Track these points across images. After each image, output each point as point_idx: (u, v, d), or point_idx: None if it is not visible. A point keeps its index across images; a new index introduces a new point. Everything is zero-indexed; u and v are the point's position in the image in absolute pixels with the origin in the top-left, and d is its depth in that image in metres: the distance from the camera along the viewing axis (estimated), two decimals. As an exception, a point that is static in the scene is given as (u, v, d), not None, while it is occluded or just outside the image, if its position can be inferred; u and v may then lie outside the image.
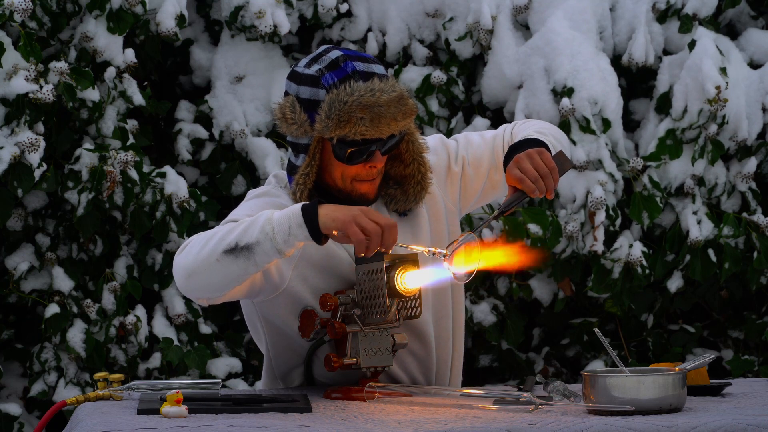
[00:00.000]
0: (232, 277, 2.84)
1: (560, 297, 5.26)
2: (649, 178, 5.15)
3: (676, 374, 2.63)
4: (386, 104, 2.90)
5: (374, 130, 2.90)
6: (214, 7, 5.45)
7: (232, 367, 5.05)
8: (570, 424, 2.47)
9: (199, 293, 2.92)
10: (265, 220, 2.80)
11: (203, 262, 2.83)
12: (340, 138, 2.90)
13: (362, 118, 2.88)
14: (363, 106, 2.88)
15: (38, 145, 4.60)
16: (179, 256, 2.89)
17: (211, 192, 5.27)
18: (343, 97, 2.88)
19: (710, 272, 5.13)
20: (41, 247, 4.93)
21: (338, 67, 2.93)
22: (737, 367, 5.26)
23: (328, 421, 2.57)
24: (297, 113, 2.96)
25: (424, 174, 3.07)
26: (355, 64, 2.93)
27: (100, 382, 2.86)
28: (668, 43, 5.38)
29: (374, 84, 2.91)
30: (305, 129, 2.95)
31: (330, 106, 2.89)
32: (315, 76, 2.93)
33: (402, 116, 2.93)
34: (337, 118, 2.88)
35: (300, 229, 2.78)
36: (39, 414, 5.02)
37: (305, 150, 2.97)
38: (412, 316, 2.93)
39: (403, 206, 3.07)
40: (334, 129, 2.89)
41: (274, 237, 2.79)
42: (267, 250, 2.80)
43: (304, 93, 2.95)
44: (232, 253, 2.80)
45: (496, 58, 5.25)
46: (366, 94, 2.89)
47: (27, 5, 4.62)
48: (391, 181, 3.08)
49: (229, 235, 2.82)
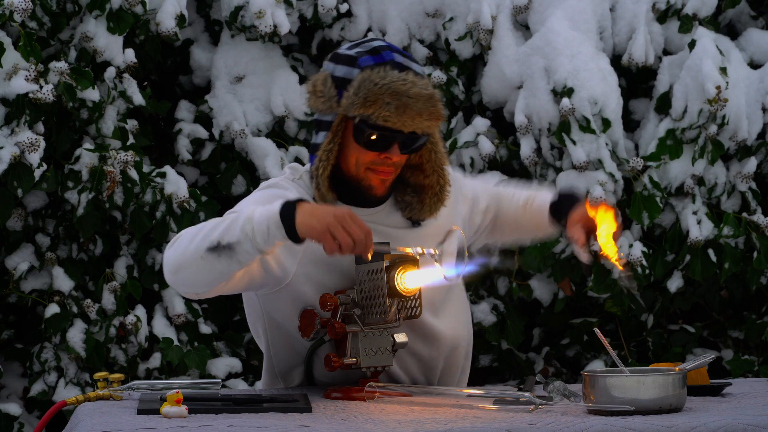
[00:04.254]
0: (216, 274, 2.85)
1: (560, 297, 5.26)
2: (649, 178, 5.15)
3: (676, 374, 2.63)
4: (415, 97, 2.91)
5: (398, 119, 2.91)
6: (214, 7, 5.45)
7: (232, 367, 5.06)
8: (570, 424, 2.47)
9: (187, 288, 2.94)
10: (245, 220, 2.81)
11: (189, 259, 2.85)
12: (363, 118, 2.92)
13: (389, 104, 2.90)
14: (392, 91, 2.90)
15: (38, 145, 4.60)
16: (169, 250, 2.91)
17: (211, 192, 5.27)
18: (375, 78, 2.91)
19: (710, 272, 5.13)
20: (41, 247, 4.93)
21: (378, 54, 2.96)
22: (737, 367, 5.27)
23: (328, 421, 2.58)
24: (327, 88, 2.97)
25: (443, 186, 3.08)
26: (394, 55, 2.96)
27: (100, 382, 2.86)
28: (668, 43, 5.38)
29: (408, 76, 2.93)
30: (332, 105, 2.96)
31: (360, 84, 2.91)
32: (353, 56, 2.96)
33: (428, 115, 2.94)
34: (364, 97, 2.90)
35: (278, 230, 2.79)
36: (39, 414, 5.02)
37: (328, 127, 2.98)
38: (412, 316, 2.93)
39: (418, 215, 3.08)
40: (359, 108, 2.90)
41: (253, 237, 2.80)
42: (248, 249, 2.81)
43: (339, 71, 2.97)
44: (215, 251, 2.82)
45: (496, 58, 5.26)
46: (397, 81, 2.91)
47: (27, 5, 4.62)
48: (410, 189, 3.09)
49: (213, 233, 2.83)
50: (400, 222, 3.07)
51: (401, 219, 3.08)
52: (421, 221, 3.09)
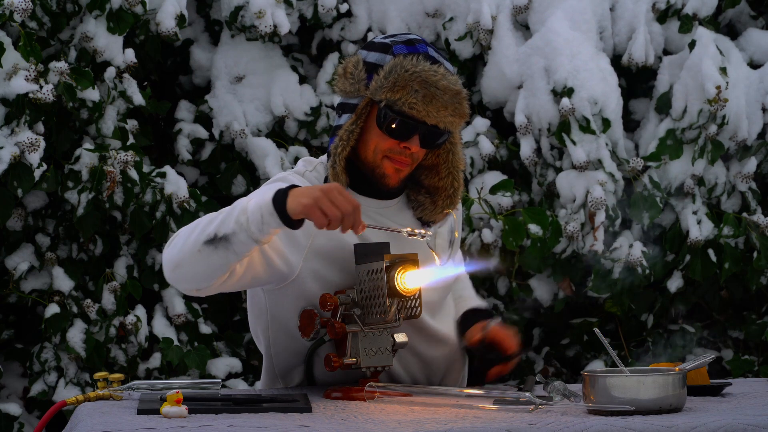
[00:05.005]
0: (214, 267, 2.86)
1: (560, 297, 5.26)
2: (649, 178, 5.15)
3: (676, 374, 2.63)
4: (444, 90, 2.92)
5: (423, 108, 2.92)
6: (214, 7, 5.45)
7: (232, 367, 5.06)
8: (570, 424, 2.47)
9: (186, 284, 2.95)
10: (240, 211, 2.82)
11: (187, 253, 2.87)
12: (389, 103, 2.93)
13: (416, 91, 2.91)
14: (422, 80, 2.91)
15: (38, 145, 4.60)
16: (167, 249, 2.93)
17: (211, 192, 5.27)
18: (407, 65, 2.92)
19: (710, 272, 5.13)
20: (41, 247, 4.93)
21: (412, 45, 2.98)
22: (737, 367, 5.27)
23: (328, 421, 2.57)
24: (358, 70, 2.99)
25: (457, 189, 3.09)
26: (428, 48, 2.99)
27: (100, 382, 2.86)
28: (668, 43, 5.38)
29: (439, 69, 2.94)
30: (359, 88, 2.97)
31: (392, 68, 2.93)
32: (388, 44, 2.98)
33: (453, 111, 2.95)
34: (393, 81, 2.91)
35: (272, 217, 2.79)
36: (39, 414, 5.02)
37: (352, 110, 2.99)
38: (412, 315, 2.94)
39: (429, 216, 3.08)
40: (387, 91, 2.92)
41: (248, 227, 2.80)
42: (243, 239, 2.82)
43: (372, 57, 2.99)
44: (212, 243, 2.83)
45: (496, 58, 5.25)
46: (429, 71, 2.92)
47: (27, 5, 4.61)
48: (423, 189, 3.09)
49: (209, 226, 2.85)
50: (410, 221, 3.07)
51: (411, 218, 3.09)
52: (431, 223, 3.09)
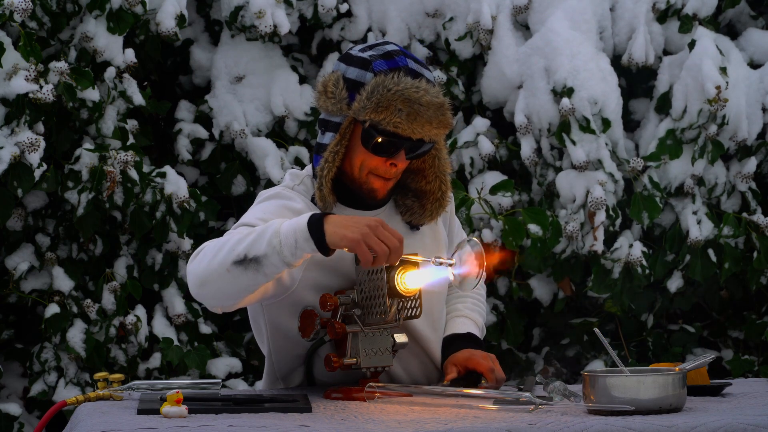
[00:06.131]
0: (243, 287, 2.84)
1: (560, 297, 5.26)
2: (649, 178, 5.15)
3: (676, 374, 2.63)
4: (427, 105, 2.91)
5: (408, 126, 2.91)
6: (214, 7, 5.45)
7: (232, 367, 5.06)
8: (570, 424, 2.47)
9: (213, 302, 2.92)
10: (273, 233, 2.79)
11: (214, 272, 2.83)
12: (373, 123, 2.91)
13: (400, 110, 2.89)
14: (405, 98, 2.89)
15: (38, 145, 4.60)
16: (192, 264, 2.89)
17: (211, 192, 5.27)
18: (389, 84, 2.90)
19: (710, 272, 5.13)
20: (41, 247, 4.93)
21: (392, 58, 2.95)
22: (737, 367, 5.27)
23: (328, 421, 2.57)
24: (339, 89, 2.96)
25: (444, 192, 3.08)
26: (408, 61, 2.96)
27: (100, 382, 2.86)
28: (668, 43, 5.38)
29: (421, 83, 2.92)
30: (342, 107, 2.95)
31: (374, 89, 2.90)
32: (367, 59, 2.95)
33: (438, 124, 2.93)
34: (376, 102, 2.89)
35: (307, 243, 2.77)
36: (39, 414, 5.02)
37: (335, 129, 2.97)
38: (412, 316, 2.93)
39: (418, 220, 3.08)
40: (370, 112, 2.90)
41: (281, 250, 2.78)
42: (275, 262, 2.79)
43: (352, 73, 2.96)
44: (242, 264, 2.80)
45: (496, 58, 5.25)
46: (411, 88, 2.90)
47: (27, 5, 4.61)
48: (411, 193, 3.08)
49: (239, 246, 2.81)
50: (399, 226, 3.07)
51: (400, 223, 3.08)
52: (420, 226, 3.09)
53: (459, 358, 3.09)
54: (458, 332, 3.19)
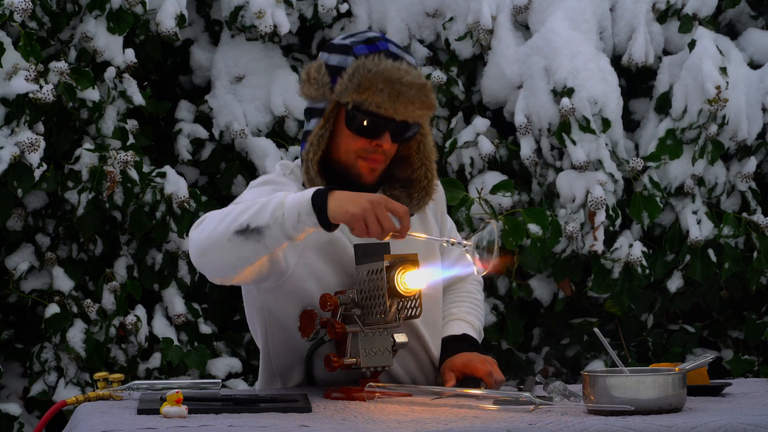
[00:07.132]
0: (243, 258, 2.83)
1: (560, 297, 5.26)
2: (649, 178, 5.15)
3: (676, 374, 2.63)
4: (408, 85, 2.92)
5: (390, 106, 2.92)
6: (214, 7, 5.45)
7: (232, 367, 5.06)
8: (570, 424, 2.47)
9: (213, 272, 2.92)
10: (277, 204, 2.79)
11: (216, 241, 2.83)
12: (356, 104, 2.93)
13: (381, 90, 2.91)
14: (386, 78, 2.91)
15: (38, 145, 4.60)
16: (194, 231, 2.90)
17: (211, 192, 5.27)
18: (369, 65, 2.92)
19: (710, 272, 5.13)
20: (41, 247, 4.93)
21: (372, 43, 2.98)
22: (737, 367, 5.27)
23: (328, 421, 2.57)
24: (321, 75, 2.99)
25: (431, 180, 3.08)
26: (389, 45, 2.99)
27: (100, 382, 2.86)
28: (668, 43, 5.38)
29: (402, 65, 2.94)
30: (324, 92, 2.97)
31: (354, 70, 2.93)
32: (348, 45, 2.98)
33: (421, 104, 2.95)
34: (357, 83, 2.91)
35: (309, 216, 2.77)
36: (39, 414, 5.02)
37: (320, 114, 2.99)
38: (412, 316, 2.93)
39: None
40: (352, 93, 2.92)
41: (283, 222, 2.78)
42: (276, 234, 2.79)
43: (334, 60, 2.99)
44: (243, 234, 2.80)
45: (496, 58, 5.25)
46: (391, 69, 2.92)
47: (27, 5, 4.61)
48: (398, 183, 3.09)
49: (242, 216, 2.81)
50: None
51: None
52: None
53: (457, 364, 3.08)
54: (454, 334, 3.19)
